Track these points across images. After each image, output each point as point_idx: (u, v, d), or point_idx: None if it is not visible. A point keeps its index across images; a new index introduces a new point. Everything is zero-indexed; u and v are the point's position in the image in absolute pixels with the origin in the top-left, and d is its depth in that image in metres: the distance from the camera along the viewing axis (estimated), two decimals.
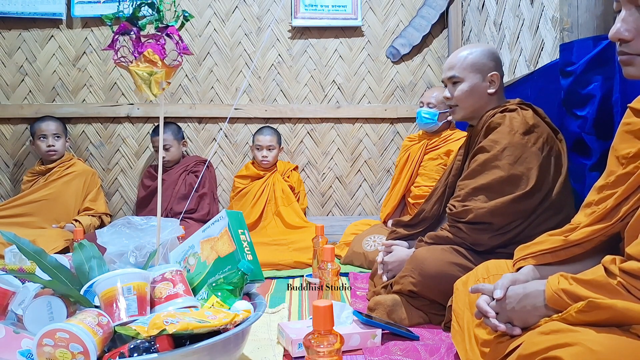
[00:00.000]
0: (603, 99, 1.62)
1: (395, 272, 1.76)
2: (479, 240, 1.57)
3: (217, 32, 3.30)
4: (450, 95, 1.76)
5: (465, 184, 1.64)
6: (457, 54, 1.75)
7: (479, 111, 1.74)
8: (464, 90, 1.72)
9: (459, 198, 1.63)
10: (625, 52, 0.92)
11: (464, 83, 1.72)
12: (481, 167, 1.61)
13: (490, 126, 1.65)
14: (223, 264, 1.34)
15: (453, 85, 1.75)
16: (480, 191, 1.58)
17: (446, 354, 1.34)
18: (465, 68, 1.71)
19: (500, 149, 1.58)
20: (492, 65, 1.72)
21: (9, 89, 3.23)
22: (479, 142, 1.67)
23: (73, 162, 3.04)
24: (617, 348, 0.76)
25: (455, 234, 1.60)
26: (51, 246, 2.56)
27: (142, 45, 1.24)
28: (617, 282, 0.84)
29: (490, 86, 1.72)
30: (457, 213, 1.60)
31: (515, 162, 1.56)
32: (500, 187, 1.56)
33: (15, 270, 1.37)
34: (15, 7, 3.14)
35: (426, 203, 1.91)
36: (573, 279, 0.90)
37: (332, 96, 3.36)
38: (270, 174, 3.18)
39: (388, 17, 3.34)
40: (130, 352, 0.97)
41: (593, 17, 1.65)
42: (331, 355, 0.96)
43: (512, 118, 1.62)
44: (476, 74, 1.71)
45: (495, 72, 1.72)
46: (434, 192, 1.91)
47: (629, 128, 1.00)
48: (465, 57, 1.72)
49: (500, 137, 1.59)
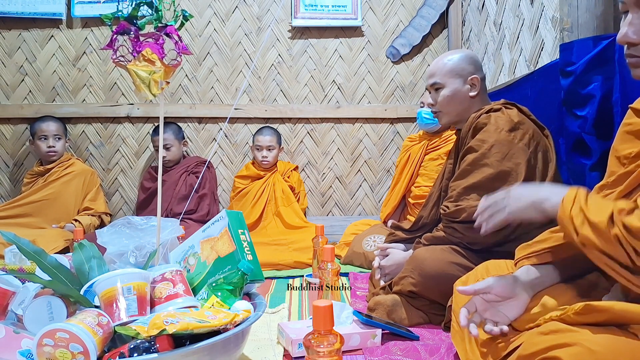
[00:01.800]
0: (603, 99, 1.62)
1: (392, 275, 1.76)
2: (474, 239, 1.57)
3: (217, 32, 3.31)
4: (434, 102, 1.81)
5: (456, 185, 1.65)
6: (438, 61, 1.80)
7: (463, 114, 1.77)
8: (446, 95, 1.77)
9: (451, 199, 1.65)
10: (633, 55, 0.93)
11: (445, 89, 1.77)
12: (471, 167, 1.63)
13: (477, 127, 1.67)
14: (223, 264, 1.34)
15: (436, 92, 1.80)
16: (472, 190, 1.60)
17: (446, 354, 1.34)
18: (445, 74, 1.76)
19: (488, 147, 1.60)
20: (471, 69, 1.76)
21: (9, 89, 3.23)
22: (467, 144, 1.69)
23: (72, 162, 3.04)
24: (616, 348, 0.76)
25: (450, 234, 1.61)
26: (51, 246, 2.56)
27: (140, 45, 1.24)
28: (614, 235, 0.84)
29: (472, 89, 1.76)
30: (451, 213, 1.62)
31: (504, 159, 1.58)
32: (490, 184, 1.57)
33: (15, 270, 1.37)
34: (15, 7, 3.14)
35: (424, 209, 1.93)
36: (585, 209, 0.90)
37: (332, 96, 3.36)
38: (271, 174, 3.18)
39: (388, 17, 3.34)
40: (130, 352, 0.97)
41: (593, 17, 1.65)
42: (331, 355, 0.96)
43: (497, 117, 1.64)
44: (456, 78, 1.76)
45: (475, 76, 1.76)
46: (430, 197, 1.94)
47: (630, 128, 1.00)
48: (445, 64, 1.77)
49: (487, 136, 1.62)
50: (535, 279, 1.07)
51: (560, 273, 1.08)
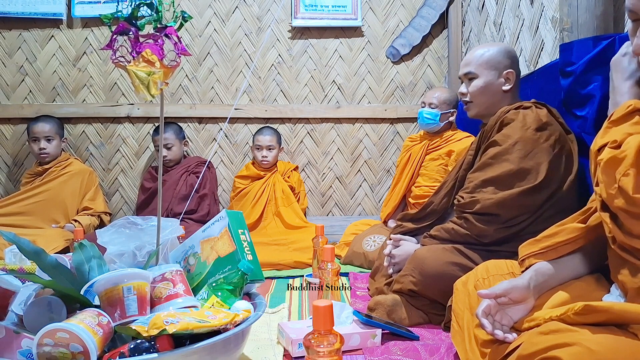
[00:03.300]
0: (603, 99, 1.62)
1: (401, 267, 1.75)
2: (485, 231, 1.57)
3: (217, 32, 3.31)
4: (465, 91, 1.80)
5: (474, 176, 1.66)
6: (474, 51, 1.79)
7: (492, 108, 1.76)
8: (479, 86, 1.76)
9: (467, 190, 1.65)
10: None
11: (479, 79, 1.76)
12: (491, 160, 1.63)
13: (503, 122, 1.67)
14: (223, 264, 1.34)
15: (469, 82, 1.79)
16: (489, 183, 1.60)
17: (446, 354, 1.34)
18: (480, 64, 1.76)
19: (511, 142, 1.60)
20: (508, 63, 1.76)
21: (9, 89, 3.23)
22: (491, 137, 1.69)
23: (70, 162, 3.03)
24: (615, 348, 0.76)
25: (462, 225, 1.61)
26: (51, 246, 2.56)
27: (140, 45, 1.24)
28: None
29: (506, 83, 1.76)
30: (465, 204, 1.62)
31: (526, 157, 1.58)
32: (509, 179, 1.58)
33: (16, 270, 1.37)
34: (16, 7, 3.14)
35: (435, 196, 1.91)
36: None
37: (332, 96, 3.36)
38: (271, 174, 3.18)
39: (388, 17, 3.34)
40: (130, 352, 0.97)
41: (593, 17, 1.65)
42: (331, 355, 0.96)
43: (525, 114, 1.64)
44: (491, 70, 1.76)
45: (510, 70, 1.76)
46: (444, 185, 1.91)
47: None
48: (482, 54, 1.77)
49: (513, 132, 1.62)
50: (543, 282, 1.08)
51: (576, 266, 1.09)
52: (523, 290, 1.05)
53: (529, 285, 1.06)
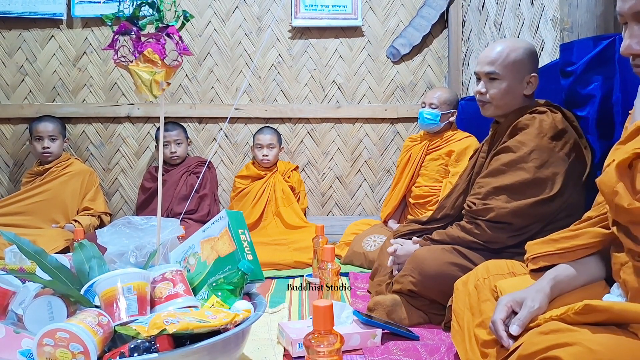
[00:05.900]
0: (603, 98, 1.62)
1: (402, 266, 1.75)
2: (497, 239, 1.56)
3: (217, 32, 3.30)
4: (484, 90, 1.69)
5: (486, 182, 1.62)
6: (495, 48, 1.68)
7: (509, 109, 1.70)
8: (502, 88, 1.66)
9: (479, 196, 1.62)
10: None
11: (503, 82, 1.66)
12: (505, 167, 1.59)
13: (517, 126, 1.62)
14: (223, 264, 1.34)
15: (490, 81, 1.68)
16: (503, 191, 1.57)
17: (446, 354, 1.34)
18: (506, 66, 1.65)
19: (527, 151, 1.56)
20: (532, 67, 1.68)
21: (9, 89, 3.23)
22: (503, 142, 1.65)
23: (70, 162, 3.03)
24: (615, 347, 0.76)
25: (471, 230, 1.59)
26: (51, 246, 2.55)
27: (142, 45, 1.24)
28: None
29: (527, 88, 1.68)
30: (478, 211, 1.59)
31: (542, 166, 1.55)
32: (523, 189, 1.55)
33: (16, 270, 1.37)
34: (16, 7, 3.14)
35: (446, 200, 1.88)
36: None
37: (332, 96, 3.36)
38: (271, 174, 3.17)
39: (388, 17, 3.34)
40: (131, 352, 0.97)
41: (593, 17, 1.65)
42: (331, 355, 0.96)
43: (541, 120, 1.59)
44: (516, 74, 1.66)
45: (534, 74, 1.68)
46: (455, 188, 1.88)
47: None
48: (508, 55, 1.65)
49: (528, 139, 1.57)
50: (560, 290, 1.05)
51: (593, 270, 1.07)
52: (546, 299, 1.01)
53: (550, 296, 1.03)
